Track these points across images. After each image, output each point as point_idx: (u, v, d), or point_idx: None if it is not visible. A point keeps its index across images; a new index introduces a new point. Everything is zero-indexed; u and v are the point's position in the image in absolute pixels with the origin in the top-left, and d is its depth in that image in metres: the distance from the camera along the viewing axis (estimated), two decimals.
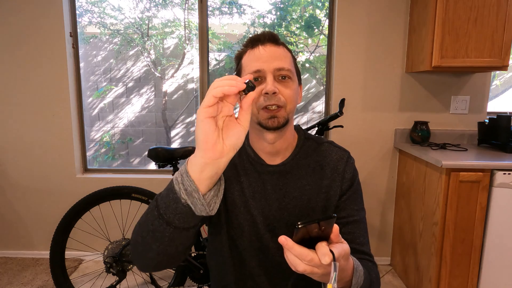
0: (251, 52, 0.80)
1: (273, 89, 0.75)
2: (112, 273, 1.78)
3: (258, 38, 0.80)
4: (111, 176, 2.37)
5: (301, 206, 0.83)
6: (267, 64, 0.76)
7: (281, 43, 0.82)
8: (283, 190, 0.84)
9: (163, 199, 0.62)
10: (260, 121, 0.78)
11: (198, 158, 0.58)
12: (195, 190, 0.58)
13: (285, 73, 0.78)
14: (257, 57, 0.78)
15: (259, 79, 0.78)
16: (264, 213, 0.83)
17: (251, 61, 0.79)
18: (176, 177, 0.61)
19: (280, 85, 0.77)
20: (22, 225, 2.40)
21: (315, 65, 3.06)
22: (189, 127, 3.21)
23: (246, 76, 0.59)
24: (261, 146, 0.84)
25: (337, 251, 0.53)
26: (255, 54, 0.78)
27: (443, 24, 1.83)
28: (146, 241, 0.66)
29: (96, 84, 3.10)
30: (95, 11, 3.02)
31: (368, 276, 0.71)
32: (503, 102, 3.33)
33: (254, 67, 0.77)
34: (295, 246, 0.53)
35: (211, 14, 2.91)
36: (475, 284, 1.77)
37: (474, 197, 1.69)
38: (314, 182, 0.84)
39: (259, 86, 0.77)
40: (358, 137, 2.28)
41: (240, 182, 0.85)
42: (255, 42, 0.80)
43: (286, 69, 0.78)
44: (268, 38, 0.80)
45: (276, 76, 0.77)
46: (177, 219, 0.61)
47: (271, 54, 0.77)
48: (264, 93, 0.76)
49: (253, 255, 0.84)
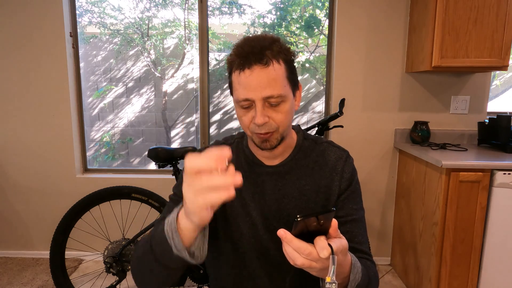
0: (239, 75, 0.73)
1: (263, 120, 0.73)
2: (112, 273, 1.78)
3: (245, 58, 0.72)
4: (111, 176, 2.37)
5: (301, 206, 0.83)
6: (255, 93, 0.72)
7: (271, 56, 0.72)
8: (282, 191, 0.83)
9: (157, 246, 0.64)
10: (255, 142, 0.79)
11: (189, 224, 0.58)
12: (183, 249, 0.60)
13: (275, 101, 0.73)
14: (244, 85, 0.72)
15: (249, 107, 0.75)
16: (263, 214, 0.83)
17: (240, 87, 0.73)
18: (167, 231, 0.61)
19: (271, 111, 0.74)
20: (22, 225, 2.40)
21: (315, 65, 3.06)
22: (189, 127, 3.21)
23: (224, 153, 0.52)
24: (259, 151, 0.84)
25: (336, 245, 0.54)
26: (243, 81, 0.72)
27: (443, 24, 1.83)
28: (144, 275, 0.71)
29: (96, 84, 3.10)
30: (95, 11, 3.02)
31: (366, 274, 0.71)
32: (503, 102, 3.33)
33: (242, 95, 0.73)
34: (294, 239, 0.54)
35: (211, 14, 2.91)
36: (475, 284, 1.77)
37: (474, 197, 1.69)
38: (313, 182, 0.84)
39: (249, 112, 0.75)
40: (358, 137, 2.27)
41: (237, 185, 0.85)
42: (242, 64, 0.72)
43: (276, 96, 0.72)
44: (255, 58, 0.71)
45: (266, 103, 0.74)
46: (173, 264, 0.64)
47: (259, 80, 0.71)
48: (253, 122, 0.75)
49: (253, 257, 0.84)
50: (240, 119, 0.79)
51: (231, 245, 0.85)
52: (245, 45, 0.73)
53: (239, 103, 0.75)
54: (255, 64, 0.71)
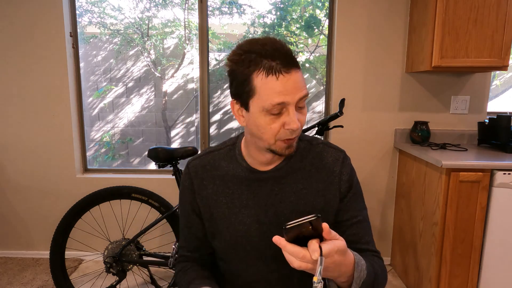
0: (269, 79, 0.67)
1: (298, 124, 0.70)
2: (112, 273, 1.78)
3: (277, 59, 0.67)
4: (111, 176, 2.37)
5: (298, 210, 0.81)
6: (292, 96, 0.68)
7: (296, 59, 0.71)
8: (279, 196, 0.81)
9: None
10: (275, 150, 0.75)
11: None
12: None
13: (302, 102, 0.72)
14: (280, 89, 0.67)
15: (279, 113, 0.70)
16: (259, 220, 0.81)
17: (273, 92, 0.67)
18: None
19: (299, 114, 0.72)
20: (22, 225, 2.40)
21: (315, 65, 3.06)
22: (189, 127, 3.21)
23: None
24: (258, 158, 0.81)
25: (328, 247, 0.56)
26: (279, 84, 0.67)
27: (443, 24, 1.83)
28: None
29: (96, 84, 3.10)
30: (95, 11, 3.02)
31: (372, 270, 0.71)
32: (503, 102, 3.34)
33: (276, 99, 0.67)
34: (288, 245, 0.58)
35: (211, 14, 2.91)
36: (475, 284, 1.77)
37: (474, 197, 1.69)
38: (310, 185, 0.82)
39: (279, 119, 0.70)
40: (358, 137, 2.27)
41: (230, 194, 0.83)
42: (278, 68, 0.67)
43: (306, 95, 0.71)
44: (292, 61, 0.68)
45: (297, 107, 0.71)
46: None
47: (295, 83, 0.68)
48: (287, 128, 0.70)
49: (249, 264, 0.83)
50: (265, 128, 0.71)
51: (225, 256, 0.84)
52: (269, 47, 0.68)
53: (270, 109, 0.68)
54: (292, 68, 0.68)
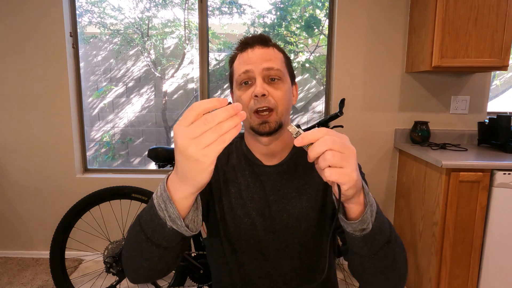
0: (241, 56, 0.80)
1: (262, 90, 0.74)
2: (112, 273, 1.78)
3: (247, 41, 0.81)
4: (111, 176, 2.37)
5: (300, 206, 0.82)
6: (256, 65, 0.76)
7: (272, 44, 0.82)
8: (281, 191, 0.83)
9: (147, 224, 0.61)
10: (253, 126, 0.78)
11: (185, 188, 0.55)
12: (178, 217, 0.57)
13: (275, 74, 0.77)
14: (246, 60, 0.78)
15: (249, 82, 0.78)
16: (263, 214, 0.83)
17: (240, 64, 0.79)
18: (159, 203, 0.58)
19: (270, 87, 0.77)
20: (22, 225, 2.40)
21: (315, 65, 3.06)
22: None
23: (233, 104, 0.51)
24: (257, 148, 0.84)
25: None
26: (244, 57, 0.79)
27: (443, 24, 1.83)
28: (136, 260, 0.66)
29: (96, 84, 3.10)
30: (95, 11, 3.02)
31: (387, 220, 0.67)
32: (503, 102, 3.33)
33: (243, 68, 0.78)
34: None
35: (211, 14, 2.91)
36: (475, 284, 1.77)
37: (474, 197, 1.69)
38: (312, 180, 0.84)
39: (248, 89, 0.77)
40: (358, 137, 2.27)
41: (238, 184, 0.84)
42: (244, 45, 0.80)
43: (276, 69, 0.77)
44: (257, 40, 0.80)
45: (266, 78, 0.77)
46: (166, 241, 0.61)
47: (259, 55, 0.78)
48: (254, 96, 0.75)
49: (252, 258, 0.84)
50: (239, 101, 0.79)
51: (229, 245, 0.85)
52: (245, 37, 0.82)
53: (239, 79, 0.78)
54: (257, 45, 0.79)
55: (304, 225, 0.82)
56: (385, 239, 0.63)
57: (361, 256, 0.64)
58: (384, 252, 0.63)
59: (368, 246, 0.62)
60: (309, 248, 0.83)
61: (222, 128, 0.47)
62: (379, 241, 0.62)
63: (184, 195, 0.56)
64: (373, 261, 0.64)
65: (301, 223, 0.82)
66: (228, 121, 0.47)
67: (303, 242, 0.83)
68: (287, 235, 0.82)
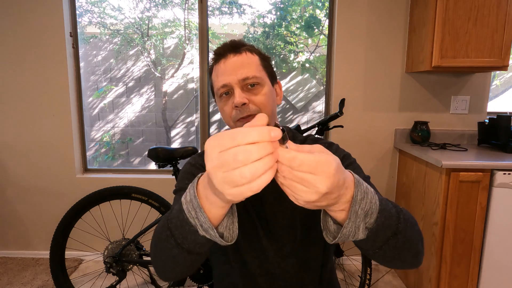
0: (216, 68, 0.81)
1: (241, 100, 0.75)
2: (112, 273, 1.78)
3: (219, 52, 0.80)
4: (111, 176, 2.37)
5: (295, 205, 0.82)
6: (231, 77, 0.77)
7: (245, 48, 0.81)
8: (275, 191, 0.82)
9: (178, 230, 0.56)
10: None
11: (218, 200, 0.49)
12: (211, 228, 0.52)
13: (252, 81, 0.77)
14: (221, 72, 0.78)
15: (229, 93, 0.78)
16: (260, 215, 0.83)
17: (217, 76, 0.79)
18: (189, 210, 0.53)
19: (250, 94, 0.77)
20: (22, 225, 2.40)
21: (315, 65, 3.06)
22: (189, 127, 3.21)
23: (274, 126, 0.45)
24: None
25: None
26: (219, 69, 0.79)
27: (443, 24, 1.83)
28: (167, 265, 0.63)
29: (96, 84, 3.10)
30: (95, 11, 3.02)
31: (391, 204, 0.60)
32: (503, 102, 3.33)
33: (220, 82, 0.78)
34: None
35: (211, 14, 2.91)
36: (475, 284, 1.77)
37: (474, 197, 1.69)
38: None
39: (229, 100, 0.78)
40: (358, 137, 2.27)
41: None
42: (218, 56, 0.80)
43: (251, 77, 0.77)
44: (228, 49, 0.79)
45: (244, 86, 0.77)
46: (198, 248, 0.57)
47: (233, 65, 0.77)
48: (234, 106, 0.76)
49: (254, 256, 0.84)
50: (222, 112, 0.80)
51: (232, 245, 0.85)
52: (217, 48, 0.82)
53: (218, 92, 0.79)
54: (229, 54, 0.79)
55: (300, 224, 0.83)
56: (390, 233, 0.57)
57: (365, 250, 0.61)
58: (389, 245, 0.58)
59: (370, 243, 0.57)
60: (306, 246, 0.84)
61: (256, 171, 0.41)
62: (383, 236, 0.57)
63: (217, 205, 0.50)
64: (378, 255, 0.60)
65: (297, 222, 0.83)
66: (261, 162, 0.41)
67: (300, 241, 0.83)
68: (283, 235, 0.83)
